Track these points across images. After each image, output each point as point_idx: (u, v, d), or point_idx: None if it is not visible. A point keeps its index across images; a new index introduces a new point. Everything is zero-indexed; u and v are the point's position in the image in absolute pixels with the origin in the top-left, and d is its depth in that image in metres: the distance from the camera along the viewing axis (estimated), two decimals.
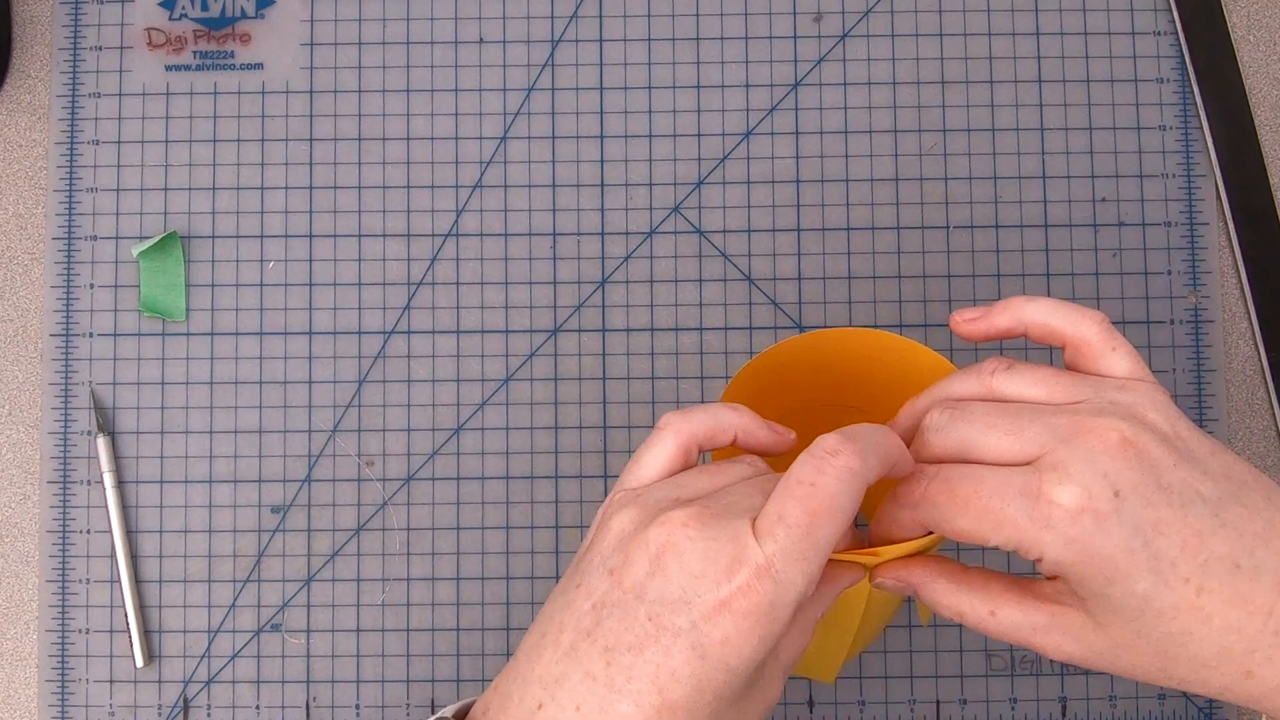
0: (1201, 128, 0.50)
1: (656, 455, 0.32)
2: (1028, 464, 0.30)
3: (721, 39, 0.51)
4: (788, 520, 0.27)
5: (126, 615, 0.49)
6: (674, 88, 0.51)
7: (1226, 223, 0.50)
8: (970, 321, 0.34)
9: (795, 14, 0.51)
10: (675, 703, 0.27)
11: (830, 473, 0.28)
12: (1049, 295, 0.50)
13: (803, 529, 0.27)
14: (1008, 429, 0.30)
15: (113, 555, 0.49)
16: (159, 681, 0.49)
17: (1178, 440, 0.30)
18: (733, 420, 0.32)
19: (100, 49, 0.51)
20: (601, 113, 0.51)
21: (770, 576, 0.27)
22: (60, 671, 0.49)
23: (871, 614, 0.36)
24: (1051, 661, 0.49)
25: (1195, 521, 0.28)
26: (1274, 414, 0.50)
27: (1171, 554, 0.28)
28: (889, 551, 0.32)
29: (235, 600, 0.49)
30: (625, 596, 0.28)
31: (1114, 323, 0.49)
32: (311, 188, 0.51)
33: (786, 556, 0.27)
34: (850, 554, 0.32)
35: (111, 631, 0.49)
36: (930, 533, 0.32)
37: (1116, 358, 0.32)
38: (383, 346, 0.50)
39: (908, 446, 0.32)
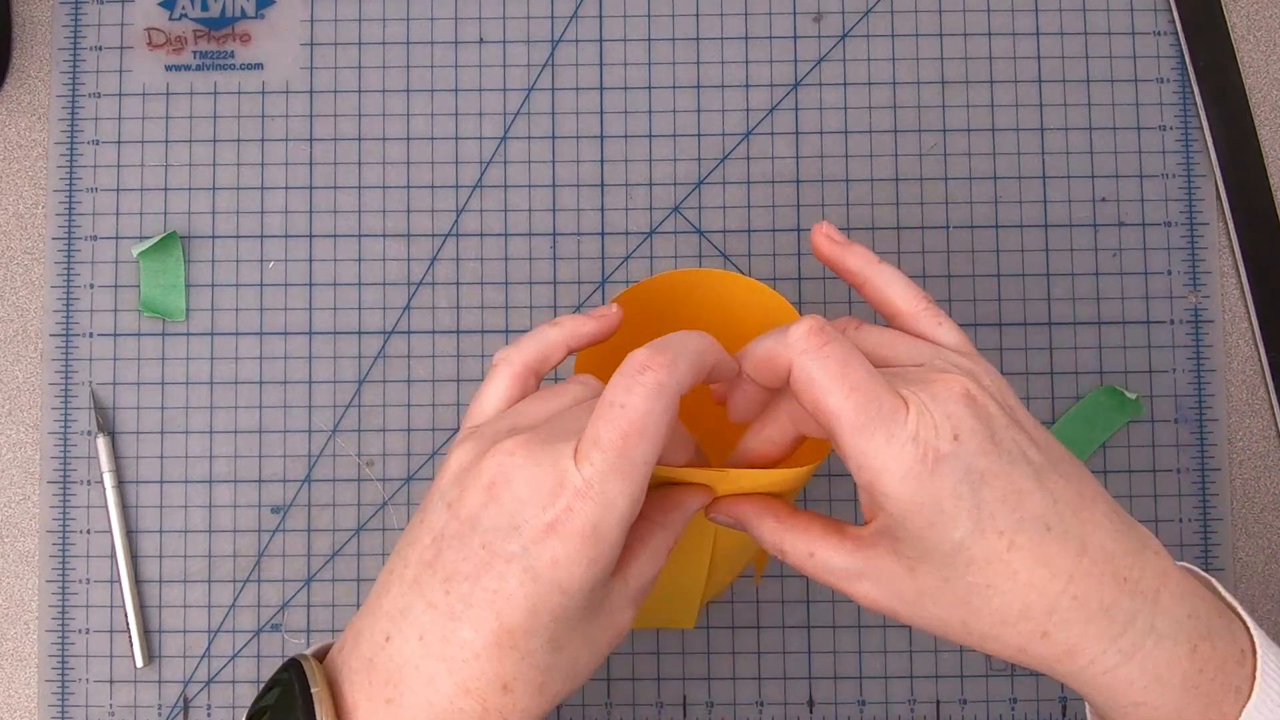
0: (1201, 128, 0.50)
1: (493, 390, 0.33)
2: None
3: (721, 39, 0.51)
4: (602, 443, 0.28)
5: (126, 615, 0.49)
6: (674, 88, 0.51)
7: (1226, 223, 0.50)
8: (830, 240, 0.36)
9: (795, 14, 0.51)
10: (513, 626, 0.28)
11: (639, 391, 0.28)
12: (1049, 296, 0.50)
13: (617, 450, 0.28)
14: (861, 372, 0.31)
15: (113, 555, 0.49)
16: (159, 681, 0.49)
17: (1008, 407, 0.31)
18: (558, 335, 0.34)
19: (100, 49, 0.51)
20: (601, 113, 0.51)
21: (590, 498, 0.28)
22: (60, 671, 0.49)
23: (721, 551, 0.37)
24: None
25: (1019, 479, 0.29)
26: (1274, 414, 0.50)
27: (992, 506, 0.29)
28: (736, 475, 0.33)
29: (235, 600, 0.49)
30: (462, 528, 0.29)
31: (1114, 323, 0.50)
32: (311, 188, 0.51)
33: (604, 477, 0.28)
34: (697, 471, 0.33)
35: (111, 631, 0.49)
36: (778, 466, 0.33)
37: (944, 331, 0.34)
38: (383, 346, 0.50)
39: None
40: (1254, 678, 0.30)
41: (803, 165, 0.50)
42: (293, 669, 0.30)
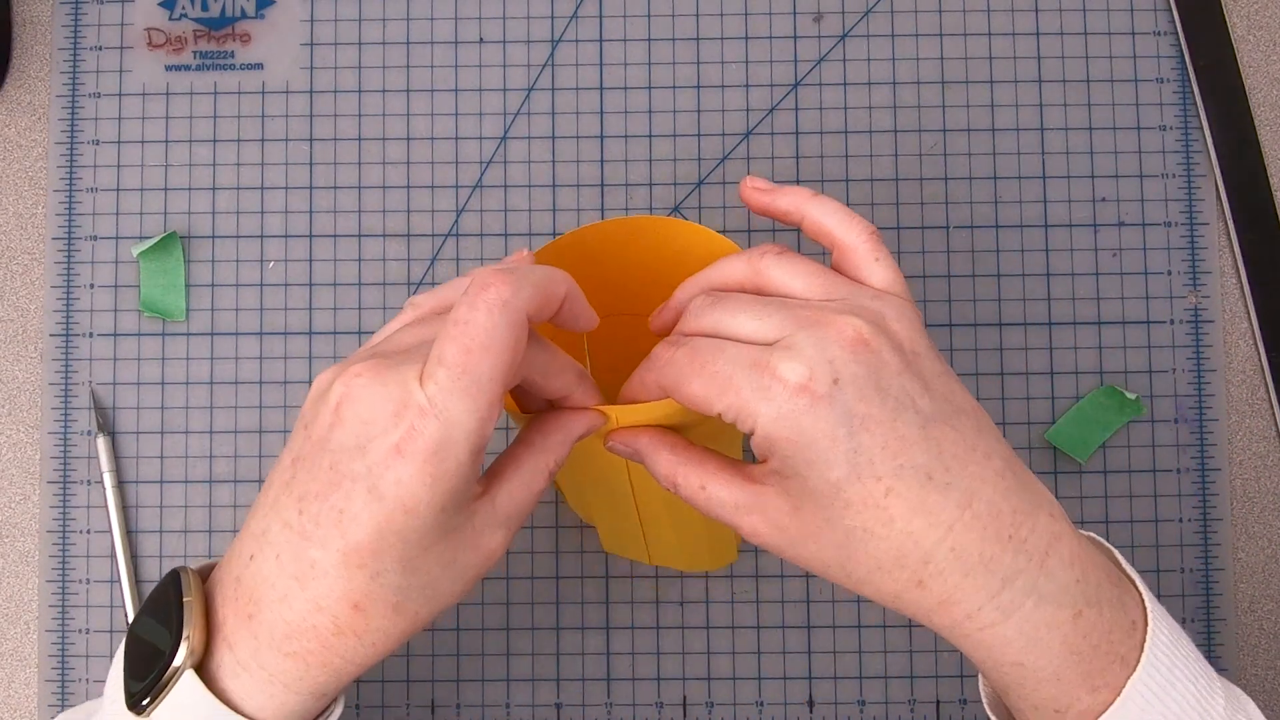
0: (1201, 128, 0.50)
1: (392, 324, 0.33)
2: (769, 344, 0.31)
3: (721, 39, 0.51)
4: (445, 360, 0.28)
5: (126, 615, 0.49)
6: (674, 88, 0.51)
7: (1226, 223, 0.50)
8: (758, 191, 0.36)
9: (795, 14, 0.51)
10: (359, 545, 0.28)
11: (482, 308, 0.28)
12: (1049, 296, 0.50)
13: (460, 367, 0.28)
14: (754, 314, 0.31)
15: (113, 555, 0.49)
16: None
17: (911, 355, 0.31)
18: (464, 282, 0.33)
19: (100, 49, 0.51)
20: (601, 113, 0.51)
21: (433, 416, 0.28)
22: (60, 671, 0.49)
23: (642, 488, 0.37)
24: None
25: (902, 427, 0.29)
26: (1274, 414, 0.50)
27: (871, 451, 0.29)
28: (621, 410, 0.33)
29: None
30: (314, 449, 0.29)
31: (1114, 323, 0.49)
32: (311, 188, 0.51)
33: (448, 395, 0.28)
34: (579, 409, 0.33)
35: (111, 631, 0.49)
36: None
37: (878, 268, 0.33)
38: None
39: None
40: (1142, 648, 0.30)
41: (803, 165, 0.50)
42: (171, 580, 0.31)
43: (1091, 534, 0.34)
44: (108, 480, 0.49)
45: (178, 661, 0.29)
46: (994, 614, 0.30)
